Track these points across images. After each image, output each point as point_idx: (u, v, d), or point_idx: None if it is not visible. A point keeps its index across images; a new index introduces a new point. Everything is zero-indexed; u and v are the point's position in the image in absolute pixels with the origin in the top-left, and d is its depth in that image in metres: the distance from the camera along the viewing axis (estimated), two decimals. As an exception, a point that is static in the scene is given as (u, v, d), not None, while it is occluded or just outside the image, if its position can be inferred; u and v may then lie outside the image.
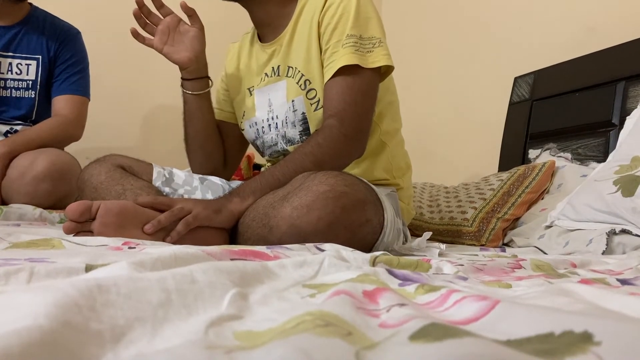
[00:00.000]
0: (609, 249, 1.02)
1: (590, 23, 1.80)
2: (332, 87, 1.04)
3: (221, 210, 0.91)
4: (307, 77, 1.10)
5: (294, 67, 1.12)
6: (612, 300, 0.39)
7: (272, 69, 1.16)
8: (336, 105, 1.02)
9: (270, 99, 1.16)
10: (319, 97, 1.10)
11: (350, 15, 1.05)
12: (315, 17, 1.09)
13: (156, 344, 0.29)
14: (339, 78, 1.03)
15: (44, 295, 0.29)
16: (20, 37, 1.63)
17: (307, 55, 1.10)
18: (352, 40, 1.03)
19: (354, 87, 1.03)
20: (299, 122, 1.13)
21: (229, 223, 0.93)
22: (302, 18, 1.12)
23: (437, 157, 2.39)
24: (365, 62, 1.03)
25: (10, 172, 1.50)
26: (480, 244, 1.41)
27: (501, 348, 0.25)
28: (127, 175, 1.06)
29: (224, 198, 0.96)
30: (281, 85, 1.14)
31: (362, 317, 0.34)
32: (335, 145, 1.00)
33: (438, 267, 0.65)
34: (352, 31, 1.04)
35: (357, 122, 1.03)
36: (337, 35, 1.05)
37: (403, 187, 1.20)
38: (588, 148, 1.63)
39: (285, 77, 1.14)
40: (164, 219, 0.86)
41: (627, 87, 1.53)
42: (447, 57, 2.45)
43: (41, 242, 0.69)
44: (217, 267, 0.41)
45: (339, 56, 1.03)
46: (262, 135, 1.20)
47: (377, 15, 1.09)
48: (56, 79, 1.69)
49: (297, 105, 1.12)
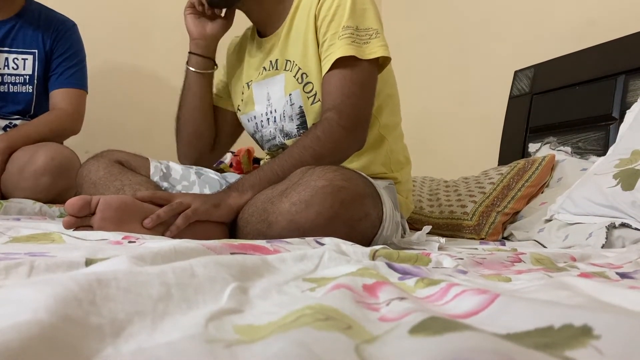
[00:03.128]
0: (609, 242, 1.02)
1: (590, 16, 1.79)
2: (330, 80, 1.04)
3: (220, 205, 0.91)
4: (304, 70, 1.10)
5: (292, 61, 1.12)
6: (611, 294, 0.39)
7: (270, 63, 1.16)
8: (334, 98, 1.02)
9: (268, 93, 1.16)
10: (316, 90, 1.09)
11: (347, 7, 1.04)
12: (312, 10, 1.08)
13: (156, 338, 0.29)
14: (336, 71, 1.03)
15: (43, 290, 0.29)
16: (15, 32, 1.62)
17: (304, 49, 1.10)
18: (349, 31, 1.03)
19: (352, 79, 1.02)
20: (296, 116, 1.13)
21: (228, 217, 0.93)
22: (299, 11, 1.12)
23: (437, 150, 2.39)
24: (362, 53, 1.02)
25: (10, 167, 1.50)
26: (480, 237, 1.41)
27: (501, 342, 0.25)
28: (126, 171, 1.06)
29: (222, 192, 0.96)
30: (279, 79, 1.14)
31: (362, 311, 0.34)
32: (334, 138, 0.99)
33: (438, 260, 0.65)
34: (348, 22, 1.03)
35: (355, 114, 1.02)
36: (333, 28, 1.04)
37: (401, 180, 1.19)
38: (588, 142, 1.63)
39: (284, 70, 1.13)
40: (163, 213, 0.86)
41: (628, 81, 1.53)
42: (447, 51, 2.44)
43: (41, 236, 0.69)
44: (217, 261, 0.41)
45: (336, 48, 1.03)
46: (260, 130, 1.20)
47: (373, 6, 1.09)
48: (53, 72, 1.68)
49: (294, 99, 1.12)
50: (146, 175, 1.10)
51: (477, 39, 2.27)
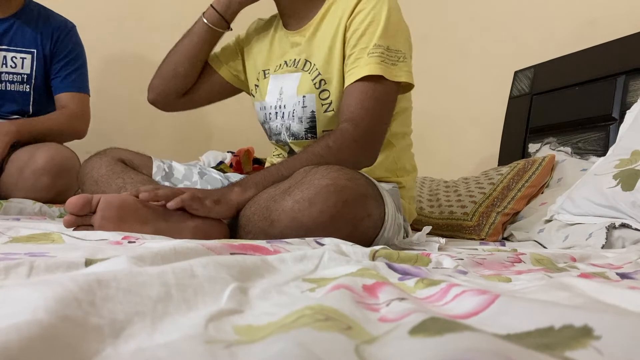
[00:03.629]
0: (609, 242, 1.02)
1: (590, 16, 1.79)
2: (352, 93, 1.03)
3: (220, 201, 0.91)
4: (323, 76, 1.09)
5: (312, 64, 1.11)
6: (611, 294, 0.39)
7: (292, 61, 1.15)
8: (353, 111, 1.01)
9: (282, 87, 1.15)
10: (332, 99, 1.09)
11: (380, 24, 1.03)
12: (343, 21, 1.07)
13: (156, 339, 0.29)
14: (359, 84, 1.02)
15: (43, 290, 0.29)
16: (14, 30, 1.62)
17: (328, 56, 1.09)
18: (379, 50, 1.02)
19: (373, 95, 1.02)
20: (306, 120, 1.12)
21: (228, 213, 0.92)
22: (328, 15, 1.11)
23: (437, 151, 2.39)
24: (388, 73, 1.02)
25: (10, 166, 1.51)
26: (480, 238, 1.41)
27: (501, 342, 0.25)
28: (128, 169, 1.06)
29: (225, 188, 0.96)
30: (295, 77, 1.13)
31: (362, 311, 0.34)
32: (345, 149, 0.98)
33: (438, 261, 0.65)
34: (380, 41, 1.03)
35: (371, 130, 1.02)
36: (363, 42, 1.04)
37: (405, 186, 1.19)
38: (588, 142, 1.63)
39: (302, 70, 1.13)
40: (162, 192, 0.86)
41: (628, 81, 1.53)
42: (447, 51, 2.44)
43: (41, 236, 0.69)
44: (217, 261, 0.41)
45: (363, 64, 1.02)
46: (269, 121, 1.20)
47: (406, 29, 1.09)
48: (56, 75, 1.69)
49: (307, 102, 1.11)
50: (148, 174, 1.10)
51: (477, 39, 2.27)
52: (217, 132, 2.55)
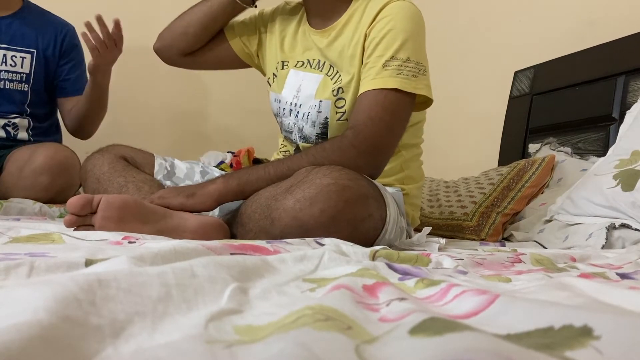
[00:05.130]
0: (609, 243, 1.02)
1: (590, 17, 1.79)
2: (362, 101, 1.00)
3: (195, 194, 0.94)
4: (342, 84, 1.07)
5: (335, 69, 1.09)
6: (611, 294, 0.39)
7: (316, 61, 1.13)
8: (358, 119, 0.99)
9: (300, 85, 1.13)
10: (347, 108, 1.07)
11: (399, 35, 1.00)
12: (363, 29, 1.04)
13: (156, 339, 0.29)
14: (370, 93, 0.99)
15: (43, 290, 0.29)
16: (13, 29, 1.62)
17: (348, 65, 1.07)
18: (397, 63, 0.99)
19: (383, 106, 0.98)
20: (319, 125, 1.10)
21: (204, 205, 0.95)
22: (352, 22, 1.08)
23: (436, 151, 2.38)
24: (405, 85, 0.98)
25: (9, 166, 1.51)
26: (480, 238, 1.41)
27: (501, 342, 0.25)
28: (130, 168, 1.06)
29: (204, 182, 0.99)
30: (315, 79, 1.11)
31: (362, 311, 0.34)
32: (340, 153, 0.95)
33: (438, 261, 0.65)
34: (399, 54, 0.99)
35: (375, 139, 0.97)
36: (380, 50, 1.01)
37: (409, 193, 1.16)
38: (588, 142, 1.63)
39: (324, 73, 1.10)
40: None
41: (628, 81, 1.53)
42: (447, 51, 2.44)
43: (41, 236, 0.69)
44: (217, 261, 0.41)
45: (378, 75, 0.99)
46: (282, 116, 1.18)
47: (424, 40, 1.05)
48: (60, 79, 1.69)
49: (322, 108, 1.09)
50: (150, 172, 1.10)
51: (477, 40, 2.27)
52: (217, 132, 2.55)
